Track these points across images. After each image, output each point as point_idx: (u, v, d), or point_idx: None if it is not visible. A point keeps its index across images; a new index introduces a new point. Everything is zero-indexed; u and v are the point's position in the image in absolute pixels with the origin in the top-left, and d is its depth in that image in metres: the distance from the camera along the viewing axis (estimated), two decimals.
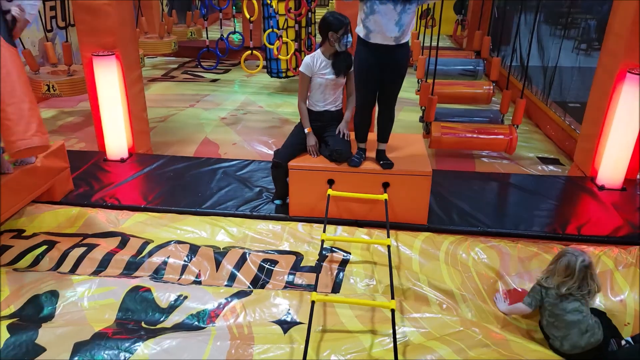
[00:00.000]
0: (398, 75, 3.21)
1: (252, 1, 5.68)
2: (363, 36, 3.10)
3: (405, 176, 3.33)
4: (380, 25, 3.01)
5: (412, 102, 6.11)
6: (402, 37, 3.07)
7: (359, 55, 3.18)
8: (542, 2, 5.84)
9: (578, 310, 2.58)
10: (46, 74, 5.46)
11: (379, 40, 3.06)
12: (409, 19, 3.05)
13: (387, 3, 2.96)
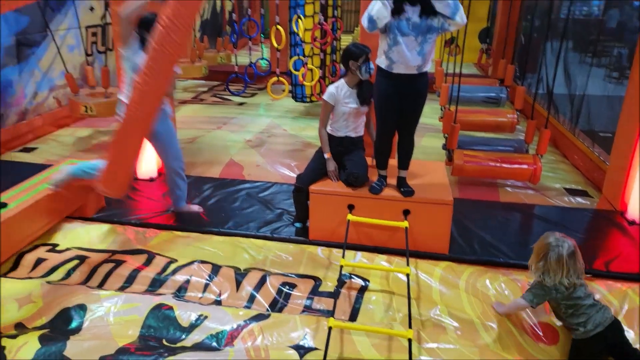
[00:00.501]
0: (419, 104, 3.29)
1: (279, 30, 5.88)
2: (385, 67, 3.18)
3: (426, 204, 3.36)
4: (404, 56, 3.09)
5: (435, 128, 6.16)
6: (424, 66, 3.16)
7: (379, 85, 3.26)
8: (569, 29, 5.87)
9: (587, 293, 2.64)
10: (85, 95, 5.74)
11: (402, 70, 3.14)
12: (430, 47, 3.14)
13: (409, 34, 3.06)
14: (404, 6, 3.05)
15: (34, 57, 6.14)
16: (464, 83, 5.88)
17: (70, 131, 6.47)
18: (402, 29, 3.06)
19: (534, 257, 2.71)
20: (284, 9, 7.58)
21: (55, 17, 6.38)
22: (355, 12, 15.87)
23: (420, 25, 3.06)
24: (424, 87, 3.26)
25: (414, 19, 3.06)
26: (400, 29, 3.07)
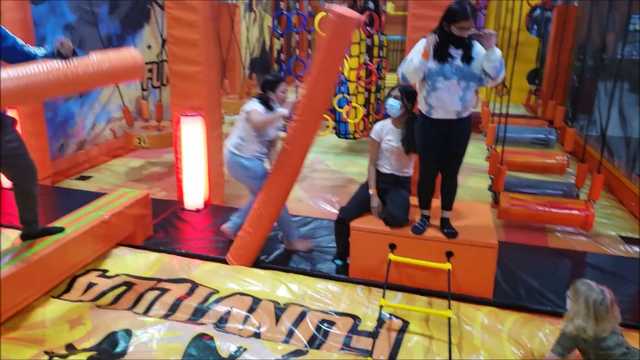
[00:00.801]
0: (460, 148, 3.28)
1: None
2: (425, 112, 3.21)
3: (470, 247, 3.31)
4: (443, 101, 3.11)
5: (481, 168, 6.08)
6: (464, 112, 3.16)
7: (419, 128, 3.30)
8: (624, 70, 5.74)
9: (619, 343, 2.46)
10: (139, 128, 6.04)
11: (441, 115, 3.16)
12: (472, 95, 3.15)
13: (452, 78, 3.08)
14: (449, 50, 3.08)
15: (95, 91, 6.54)
16: (512, 124, 5.83)
17: (123, 161, 6.79)
18: (445, 73, 3.08)
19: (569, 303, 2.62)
20: None
21: None
22: (401, 52, 16.08)
23: (464, 70, 3.09)
24: (466, 133, 3.25)
25: (457, 62, 3.09)
26: (443, 73, 3.09)
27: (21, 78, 2.67)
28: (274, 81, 3.77)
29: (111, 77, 3.32)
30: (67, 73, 2.85)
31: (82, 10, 6.10)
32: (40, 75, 2.74)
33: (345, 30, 3.24)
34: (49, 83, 2.78)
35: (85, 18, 6.17)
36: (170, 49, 4.59)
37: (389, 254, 3.40)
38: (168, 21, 4.50)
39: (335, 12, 3.20)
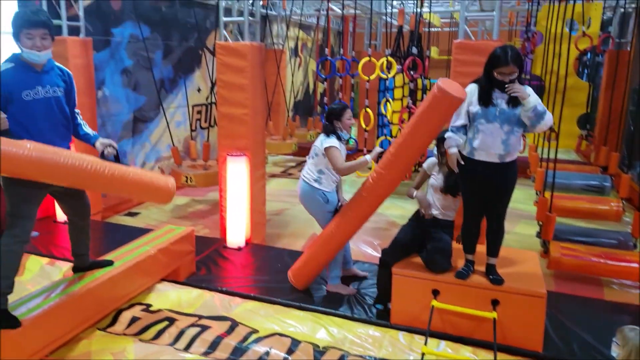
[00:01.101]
0: (503, 193, 3.20)
1: (368, 112, 6.13)
2: (467, 153, 3.18)
3: (517, 295, 3.17)
4: (485, 143, 3.08)
5: (530, 215, 5.88)
6: (507, 156, 3.10)
7: (463, 169, 3.24)
8: None
9: None
10: (186, 167, 6.24)
11: (483, 157, 3.12)
12: (516, 139, 3.10)
13: (494, 122, 3.06)
14: (493, 94, 3.07)
15: (146, 131, 6.85)
16: (562, 169, 5.63)
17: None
18: (489, 116, 3.07)
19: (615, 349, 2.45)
20: (373, 92, 7.94)
21: (167, 97, 7.16)
22: None
23: (508, 114, 3.05)
24: (510, 178, 3.18)
25: (501, 106, 3.06)
26: (486, 117, 3.07)
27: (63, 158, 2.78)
28: (339, 109, 3.83)
29: (143, 193, 3.39)
30: (105, 171, 2.94)
31: (138, 55, 6.49)
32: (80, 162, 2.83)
33: (446, 106, 3.15)
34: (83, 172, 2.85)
35: (141, 63, 6.55)
36: (219, 92, 4.79)
37: (432, 300, 3.31)
38: (219, 67, 4.71)
39: (442, 88, 3.07)
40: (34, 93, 2.88)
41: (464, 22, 4.14)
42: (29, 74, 2.88)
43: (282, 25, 10.40)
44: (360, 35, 11.92)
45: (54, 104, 2.99)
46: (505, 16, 11.21)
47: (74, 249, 3.47)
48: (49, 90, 2.95)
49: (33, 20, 2.84)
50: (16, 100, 2.81)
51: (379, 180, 3.49)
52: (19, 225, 2.91)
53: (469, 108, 3.16)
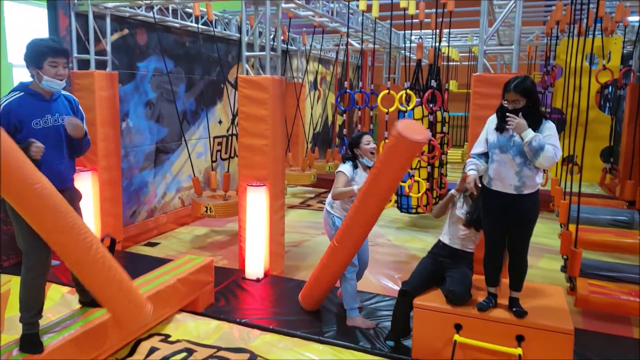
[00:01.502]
0: (523, 225, 3.15)
1: (386, 144, 6.14)
2: (486, 183, 3.21)
3: (543, 331, 3.08)
4: (499, 173, 3.10)
5: (554, 249, 5.78)
6: (523, 188, 3.08)
7: (483, 199, 3.26)
8: None
9: None
10: (206, 197, 6.29)
11: (499, 187, 3.13)
12: (532, 171, 3.07)
13: (508, 152, 3.07)
14: (506, 123, 3.06)
15: (168, 162, 6.97)
16: (587, 203, 5.52)
17: (189, 229, 7.04)
18: (502, 146, 3.09)
19: None
20: (393, 124, 7.96)
21: (189, 129, 7.30)
22: (464, 128, 16.12)
23: (521, 146, 3.03)
24: (529, 210, 3.13)
25: (516, 137, 3.06)
26: (500, 147, 3.10)
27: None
28: (356, 137, 3.93)
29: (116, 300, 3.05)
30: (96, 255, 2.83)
31: (162, 88, 6.67)
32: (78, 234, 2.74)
33: (404, 150, 3.12)
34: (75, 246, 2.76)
35: (164, 95, 6.72)
36: (241, 124, 4.87)
37: (454, 335, 3.23)
38: (240, 99, 4.81)
39: (399, 132, 3.01)
40: (43, 122, 2.93)
41: (482, 55, 4.18)
42: (38, 103, 2.93)
43: (302, 59, 10.62)
44: (379, 69, 12.08)
45: (63, 132, 3.03)
46: (524, 50, 11.29)
47: (77, 283, 3.37)
48: (58, 119, 3.01)
49: (59, 49, 2.94)
50: (25, 129, 2.86)
51: (351, 225, 3.56)
52: (32, 258, 2.93)
53: (487, 137, 3.21)
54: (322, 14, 6.68)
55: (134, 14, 6.01)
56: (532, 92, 3.05)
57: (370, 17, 7.40)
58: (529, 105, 3.05)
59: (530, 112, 3.05)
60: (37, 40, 2.94)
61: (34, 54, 2.90)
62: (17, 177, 2.49)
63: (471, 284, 3.42)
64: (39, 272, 2.96)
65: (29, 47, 2.93)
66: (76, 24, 5.45)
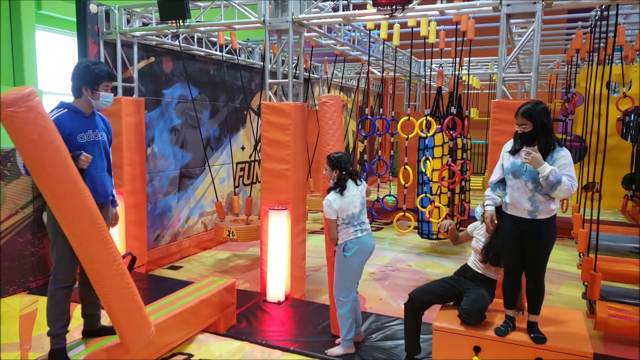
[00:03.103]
0: (538, 249, 3.17)
1: (407, 169, 6.22)
2: (503, 207, 3.28)
3: (561, 354, 3.08)
4: (513, 197, 3.17)
5: (574, 276, 5.72)
6: (537, 213, 3.11)
7: (501, 222, 3.30)
8: None
9: None
10: (229, 221, 6.42)
11: (514, 212, 3.19)
12: (545, 198, 3.09)
13: (521, 178, 3.14)
14: (521, 148, 3.15)
15: (191, 187, 7.14)
16: (608, 231, 5.48)
17: (211, 253, 7.15)
18: (516, 171, 3.15)
19: None
20: (413, 150, 8.06)
21: (212, 155, 7.49)
22: (486, 155, 16.05)
23: (535, 172, 3.07)
24: (544, 235, 3.15)
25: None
26: (514, 172, 3.17)
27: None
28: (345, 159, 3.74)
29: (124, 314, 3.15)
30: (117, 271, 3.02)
31: (187, 115, 6.89)
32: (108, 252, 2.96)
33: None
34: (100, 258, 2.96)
35: (189, 122, 6.94)
36: (263, 149, 5.01)
37: (473, 357, 3.22)
38: (263, 125, 4.96)
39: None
40: (87, 136, 3.17)
41: (501, 82, 4.26)
42: (80, 119, 3.18)
43: (323, 87, 10.84)
44: (400, 97, 12.23)
45: (102, 147, 3.28)
46: (545, 78, 11.32)
47: (84, 309, 3.40)
48: (98, 135, 3.25)
49: (114, 76, 3.35)
50: (73, 142, 3.06)
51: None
52: (61, 270, 3.11)
53: (503, 162, 3.29)
54: (344, 43, 6.86)
55: (160, 42, 6.28)
56: (538, 116, 3.08)
57: (391, 46, 7.57)
58: (537, 129, 3.10)
59: (540, 136, 3.10)
60: (90, 64, 3.22)
61: (91, 76, 3.16)
62: (65, 184, 2.77)
63: (486, 306, 3.45)
64: (65, 284, 3.13)
65: (84, 69, 3.18)
66: (104, 52, 5.71)
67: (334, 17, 5.06)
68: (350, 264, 3.67)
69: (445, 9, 4.71)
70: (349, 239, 3.64)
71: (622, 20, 7.10)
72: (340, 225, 3.66)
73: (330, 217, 3.61)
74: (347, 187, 3.65)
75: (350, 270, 3.71)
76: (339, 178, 3.65)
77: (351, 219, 3.64)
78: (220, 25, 5.48)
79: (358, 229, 3.67)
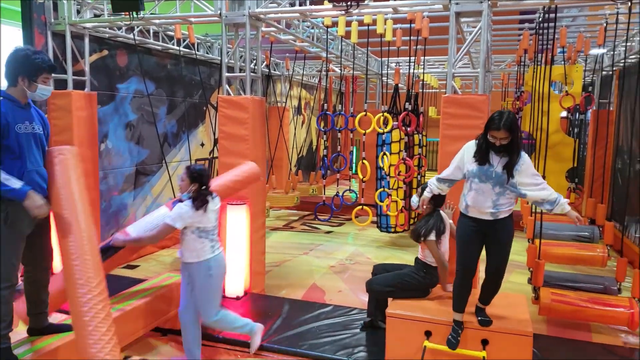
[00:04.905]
0: (499, 247, 3.23)
1: (365, 164, 6.33)
2: (462, 209, 3.29)
3: (505, 334, 3.24)
4: (477, 201, 3.17)
5: (524, 265, 5.95)
6: (499, 214, 3.16)
7: (459, 225, 3.34)
8: None
9: None
10: None
11: (476, 214, 3.20)
12: (507, 200, 3.16)
13: (487, 182, 3.14)
14: (490, 155, 3.15)
15: (148, 184, 7.01)
16: (553, 221, 5.77)
17: (170, 252, 7.04)
18: (482, 176, 3.15)
19: None
20: (371, 146, 8.22)
21: (170, 151, 7.39)
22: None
23: (502, 178, 3.12)
24: (504, 232, 3.21)
25: (497, 169, 3.13)
26: (480, 176, 3.15)
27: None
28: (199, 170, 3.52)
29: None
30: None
31: (143, 110, 6.76)
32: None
33: None
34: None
35: (145, 117, 6.81)
36: (221, 143, 4.99)
37: (424, 342, 3.34)
38: (220, 119, 4.94)
39: None
40: (24, 127, 3.00)
41: (451, 78, 4.39)
42: (18, 109, 3.00)
43: (285, 84, 10.86)
44: (362, 96, 12.37)
45: (39, 140, 3.09)
46: (498, 77, 11.71)
47: (30, 308, 3.23)
48: (35, 127, 3.08)
49: (54, 67, 3.14)
50: (11, 133, 2.91)
51: None
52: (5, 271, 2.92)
53: (465, 165, 3.25)
54: (303, 39, 6.90)
55: (114, 35, 6.13)
56: (518, 127, 3.13)
57: (351, 44, 7.67)
58: (514, 140, 3.08)
59: (515, 146, 3.10)
60: (30, 53, 3.04)
61: (31, 66, 3.00)
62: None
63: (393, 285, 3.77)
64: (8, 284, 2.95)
65: (23, 57, 3.01)
66: (53, 44, 5.47)
67: (291, 12, 5.09)
68: (216, 281, 3.58)
69: (399, 6, 4.82)
70: (210, 256, 3.49)
71: (570, 23, 7.46)
72: (191, 236, 3.44)
73: (175, 224, 3.37)
74: (207, 201, 3.46)
75: (218, 286, 3.61)
76: (200, 193, 3.43)
77: (207, 233, 3.49)
78: (176, 18, 5.42)
79: (215, 245, 3.56)
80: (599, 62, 7.72)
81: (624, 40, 7.11)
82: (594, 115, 8.04)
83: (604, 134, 6.68)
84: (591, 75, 8.57)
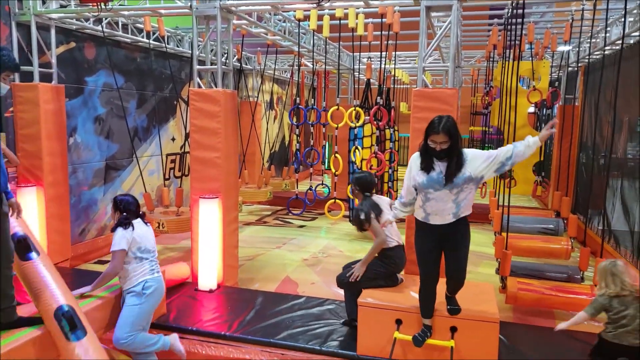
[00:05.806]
0: (460, 248, 3.23)
1: (337, 158, 6.38)
2: (422, 219, 3.23)
3: (473, 321, 3.34)
4: (437, 208, 3.12)
5: (492, 257, 6.11)
6: (460, 212, 3.14)
7: (418, 237, 3.30)
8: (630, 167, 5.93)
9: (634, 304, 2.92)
10: (159, 213, 6.28)
11: (438, 221, 3.15)
12: (466, 194, 3.12)
13: (442, 189, 3.08)
14: (434, 163, 3.11)
15: (118, 179, 6.91)
16: (520, 214, 5.94)
17: None
18: (434, 184, 3.09)
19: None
20: (344, 140, 8.27)
21: (141, 146, 7.29)
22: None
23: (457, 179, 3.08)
24: (463, 232, 3.21)
25: (445, 172, 3.08)
26: (432, 185, 3.09)
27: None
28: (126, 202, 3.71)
29: None
30: None
31: (112, 104, 6.65)
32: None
33: None
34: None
35: (114, 111, 6.70)
36: (192, 137, 4.95)
37: (394, 332, 3.40)
38: (192, 112, 4.90)
39: None
40: None
41: (421, 71, 4.47)
42: None
43: (257, 78, 10.81)
44: (334, 91, 12.42)
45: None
46: (468, 73, 11.92)
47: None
48: None
49: (17, 67, 3.10)
50: None
51: None
52: None
53: (415, 178, 3.19)
54: (275, 32, 6.89)
55: (81, 27, 6.00)
56: (457, 130, 3.08)
57: (323, 38, 7.68)
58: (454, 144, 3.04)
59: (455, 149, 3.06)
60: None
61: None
62: None
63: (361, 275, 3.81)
64: None
65: None
66: (17, 35, 5.32)
67: (263, 5, 5.08)
68: (149, 303, 3.56)
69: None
70: (149, 277, 3.55)
71: (538, 19, 7.65)
72: (132, 261, 3.54)
73: (121, 247, 3.48)
74: (134, 225, 3.58)
75: (149, 309, 3.58)
76: (123, 217, 3.60)
77: (146, 253, 3.59)
78: (146, 10, 5.34)
79: (155, 268, 3.63)
80: (565, 58, 7.97)
81: (589, 36, 7.36)
82: (560, 110, 8.28)
83: (570, 129, 6.91)
84: (557, 71, 8.82)
